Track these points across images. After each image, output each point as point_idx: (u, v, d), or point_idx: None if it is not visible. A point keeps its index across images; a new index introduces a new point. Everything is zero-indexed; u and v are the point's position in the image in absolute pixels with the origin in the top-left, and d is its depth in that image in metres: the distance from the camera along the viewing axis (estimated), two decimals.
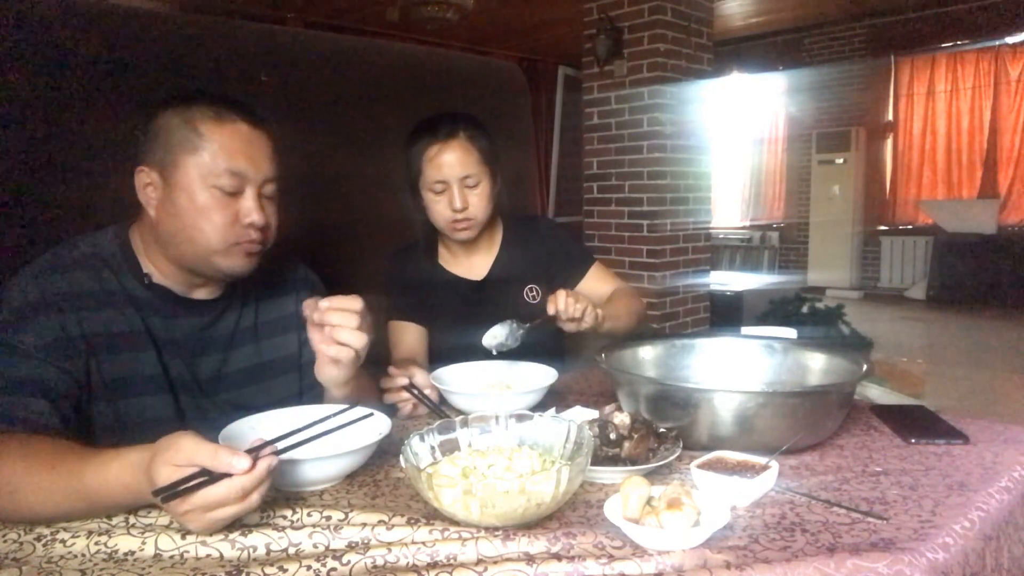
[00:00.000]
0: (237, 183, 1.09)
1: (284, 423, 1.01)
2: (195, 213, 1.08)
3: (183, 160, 1.07)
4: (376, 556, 0.76)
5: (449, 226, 1.58)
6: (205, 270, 1.14)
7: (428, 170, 1.55)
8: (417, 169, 1.57)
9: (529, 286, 1.70)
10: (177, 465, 0.76)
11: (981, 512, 0.88)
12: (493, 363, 1.45)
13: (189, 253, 1.11)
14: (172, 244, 1.11)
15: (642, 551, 0.76)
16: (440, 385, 1.32)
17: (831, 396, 1.08)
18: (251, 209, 1.10)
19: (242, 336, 1.24)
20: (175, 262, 1.13)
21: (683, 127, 4.59)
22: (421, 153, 1.56)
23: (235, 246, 1.11)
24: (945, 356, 5.27)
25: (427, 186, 1.57)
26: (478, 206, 1.57)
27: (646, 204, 4.59)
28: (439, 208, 1.57)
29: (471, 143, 1.56)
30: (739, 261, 8.68)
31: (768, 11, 7.03)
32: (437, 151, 1.54)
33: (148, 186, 1.10)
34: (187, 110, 1.08)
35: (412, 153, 1.57)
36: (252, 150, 1.10)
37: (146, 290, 1.13)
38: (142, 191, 1.11)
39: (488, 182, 1.59)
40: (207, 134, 1.07)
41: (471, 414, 1.03)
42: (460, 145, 1.55)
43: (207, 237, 1.09)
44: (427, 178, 1.56)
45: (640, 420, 1.04)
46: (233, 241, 1.10)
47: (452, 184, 1.54)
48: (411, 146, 1.58)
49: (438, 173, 1.54)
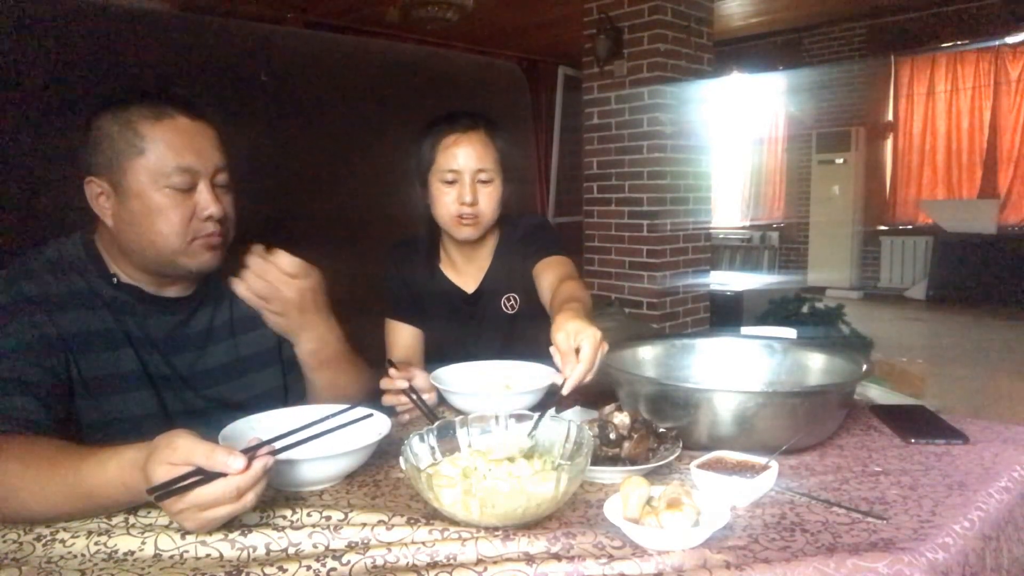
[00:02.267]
0: (189, 179, 1.08)
1: (284, 423, 1.01)
2: (152, 217, 1.07)
3: (130, 166, 1.06)
4: (376, 556, 0.76)
5: (454, 221, 1.53)
6: (172, 271, 1.14)
7: (442, 158, 1.50)
8: (430, 158, 1.52)
9: (507, 295, 1.65)
10: (173, 464, 0.76)
11: (981, 512, 0.88)
12: (492, 363, 1.45)
13: (153, 257, 1.11)
14: (135, 250, 1.11)
15: (642, 551, 0.76)
16: (440, 385, 1.31)
17: (831, 396, 1.08)
18: (208, 202, 1.09)
19: (218, 332, 1.24)
20: (141, 267, 1.13)
21: (683, 127, 4.59)
22: (437, 142, 1.51)
23: (196, 242, 1.10)
24: (945, 356, 5.27)
25: (438, 176, 1.51)
26: (487, 205, 1.52)
27: (646, 204, 4.59)
28: (447, 201, 1.51)
29: (490, 139, 1.53)
30: (739, 261, 8.67)
31: (768, 11, 7.03)
32: (455, 140, 1.50)
33: (100, 195, 1.09)
34: (123, 113, 1.06)
35: (426, 142, 1.53)
36: (197, 142, 1.09)
37: (115, 290, 1.12)
38: (95, 201, 1.10)
39: (500, 183, 1.54)
40: (149, 135, 1.06)
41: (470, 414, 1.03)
42: (479, 138, 1.51)
43: (167, 239, 1.08)
44: (439, 167, 1.51)
45: (640, 420, 1.04)
46: (192, 237, 1.10)
47: (465, 176, 1.50)
48: (425, 135, 1.54)
49: (452, 162, 1.50)
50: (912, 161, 7.85)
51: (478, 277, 1.66)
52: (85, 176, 1.09)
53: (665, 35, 4.44)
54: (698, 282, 4.85)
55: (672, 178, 4.58)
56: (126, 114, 1.06)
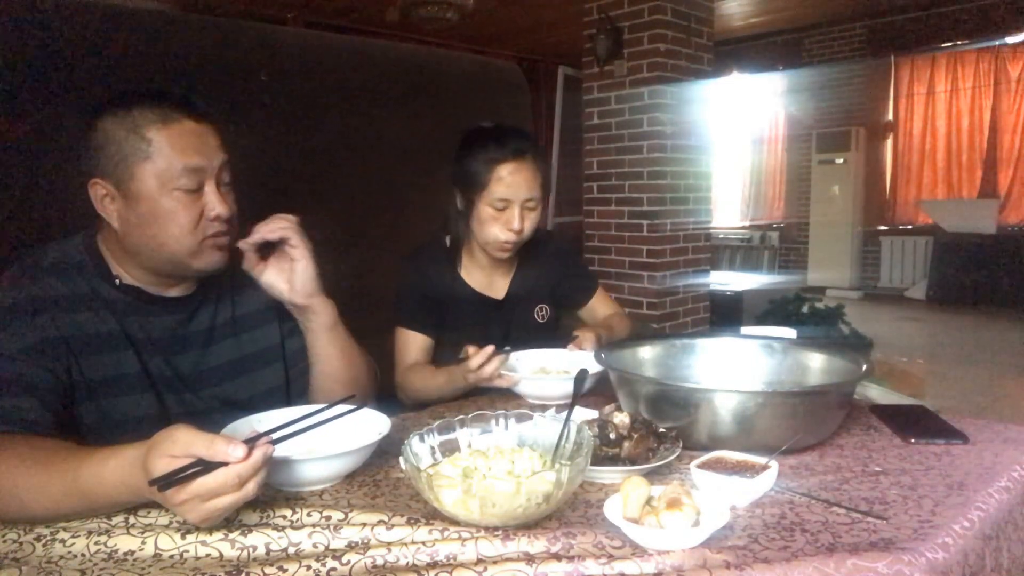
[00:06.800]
0: (196, 179, 1.09)
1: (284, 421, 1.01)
2: (163, 219, 1.07)
3: (139, 170, 1.06)
4: (376, 556, 0.76)
5: (498, 244, 1.57)
6: (180, 272, 1.14)
7: (495, 187, 1.52)
8: (482, 182, 1.52)
9: (540, 305, 1.72)
10: (173, 456, 0.76)
11: (980, 512, 0.88)
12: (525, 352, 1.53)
13: (162, 259, 1.11)
14: (144, 252, 1.11)
15: (642, 551, 0.76)
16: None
17: (831, 396, 1.09)
18: (215, 202, 1.10)
19: (221, 331, 1.24)
20: (148, 269, 1.14)
21: (683, 127, 4.59)
22: (490, 167, 1.52)
23: (205, 242, 1.11)
24: (945, 356, 5.27)
25: (488, 201, 1.53)
26: (530, 229, 1.56)
27: (646, 204, 4.59)
28: (494, 226, 1.54)
29: (536, 165, 1.55)
30: (739, 261, 8.67)
31: (768, 11, 7.03)
32: (510, 171, 1.51)
33: (105, 197, 1.09)
34: (128, 117, 1.06)
35: (478, 164, 1.53)
36: (202, 143, 1.10)
37: (118, 292, 1.13)
38: (100, 203, 1.09)
39: (543, 205, 1.58)
40: (156, 139, 1.06)
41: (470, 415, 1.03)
42: (529, 167, 1.53)
43: (178, 241, 1.09)
44: (491, 193, 1.52)
45: (640, 420, 1.04)
46: (202, 238, 1.10)
47: (515, 205, 1.52)
48: (475, 156, 1.54)
49: (505, 192, 1.51)
50: (912, 161, 7.85)
51: (504, 284, 1.70)
52: (89, 178, 1.09)
53: (665, 35, 4.44)
54: (698, 282, 4.85)
55: (672, 178, 4.58)
56: (131, 117, 1.06)
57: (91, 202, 1.09)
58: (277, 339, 1.29)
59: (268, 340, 1.29)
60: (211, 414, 1.14)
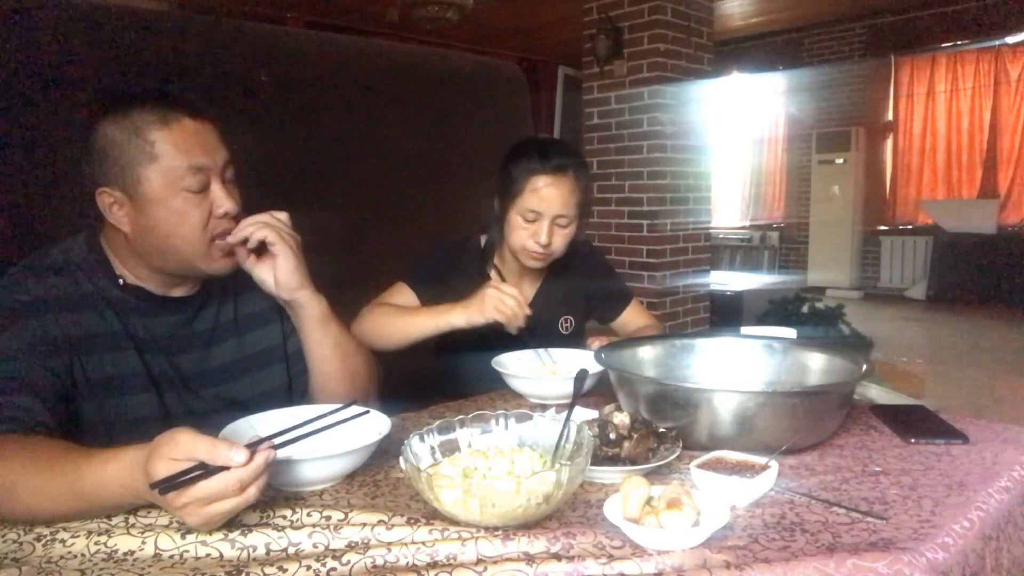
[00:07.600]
0: (202, 179, 1.08)
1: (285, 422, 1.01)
2: (174, 220, 1.07)
3: (145, 174, 1.06)
4: (376, 556, 0.76)
5: (524, 253, 1.57)
6: (190, 274, 1.15)
7: (528, 197, 1.52)
8: (517, 191, 1.53)
9: (565, 317, 1.72)
10: (175, 459, 0.76)
11: (981, 512, 0.88)
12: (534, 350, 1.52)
13: (173, 262, 1.11)
14: (155, 256, 1.11)
15: (642, 551, 0.76)
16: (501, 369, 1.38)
17: (831, 396, 1.08)
18: (222, 199, 1.10)
19: (223, 331, 1.24)
20: (156, 270, 1.14)
21: (683, 127, 4.59)
22: (526, 177, 1.52)
23: (214, 242, 1.11)
24: (945, 356, 5.27)
25: (519, 210, 1.54)
26: (559, 245, 1.56)
27: (646, 204, 4.59)
28: (521, 235, 1.55)
29: (576, 183, 1.54)
30: (739, 261, 8.67)
31: (768, 11, 7.03)
32: (545, 183, 1.51)
33: (113, 205, 1.08)
34: (128, 120, 1.05)
35: (516, 172, 1.53)
36: (204, 141, 1.10)
37: (121, 291, 1.13)
38: (109, 211, 1.09)
39: (576, 224, 1.57)
40: (159, 141, 1.05)
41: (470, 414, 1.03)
42: (567, 184, 1.52)
43: (190, 242, 1.09)
44: (523, 203, 1.53)
45: (640, 420, 1.04)
46: (211, 237, 1.11)
47: (545, 219, 1.52)
48: (518, 163, 1.54)
49: (536, 204, 1.51)
50: (912, 161, 7.85)
51: (529, 293, 1.70)
52: (95, 187, 1.08)
53: (665, 35, 4.44)
54: (698, 282, 4.86)
55: (672, 178, 4.58)
56: (132, 120, 1.05)
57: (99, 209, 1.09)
58: (279, 339, 1.29)
59: (270, 340, 1.29)
60: (213, 414, 1.13)
